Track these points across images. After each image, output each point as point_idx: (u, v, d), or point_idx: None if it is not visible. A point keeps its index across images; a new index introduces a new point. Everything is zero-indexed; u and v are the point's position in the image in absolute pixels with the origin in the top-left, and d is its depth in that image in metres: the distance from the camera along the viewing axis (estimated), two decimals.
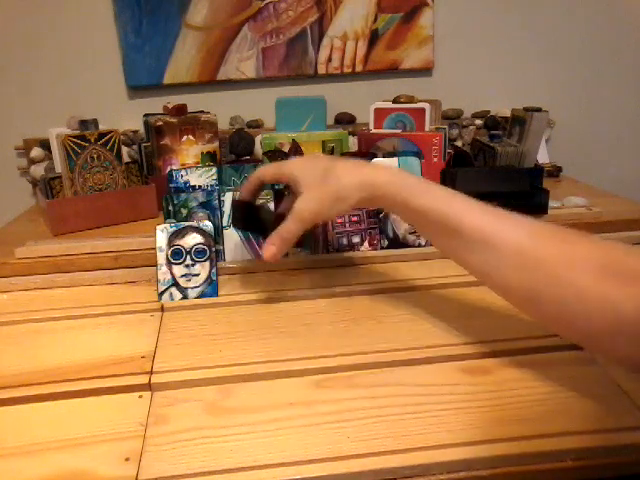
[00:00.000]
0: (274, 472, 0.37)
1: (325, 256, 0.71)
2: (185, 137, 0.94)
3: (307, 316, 0.58)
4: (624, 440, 0.39)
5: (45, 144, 1.05)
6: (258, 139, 1.07)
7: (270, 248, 0.53)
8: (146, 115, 0.99)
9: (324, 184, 0.51)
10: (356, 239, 0.72)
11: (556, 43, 1.20)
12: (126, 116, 1.11)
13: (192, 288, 0.63)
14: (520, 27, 1.18)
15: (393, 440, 0.40)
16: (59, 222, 0.81)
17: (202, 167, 0.74)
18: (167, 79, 1.12)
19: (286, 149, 0.93)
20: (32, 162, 1.09)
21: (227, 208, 0.70)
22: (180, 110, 0.94)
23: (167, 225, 0.64)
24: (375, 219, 0.72)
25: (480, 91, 1.20)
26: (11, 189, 1.14)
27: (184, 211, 0.69)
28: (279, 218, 0.55)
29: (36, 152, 1.08)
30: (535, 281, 0.40)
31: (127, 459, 0.39)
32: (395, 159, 0.76)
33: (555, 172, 1.07)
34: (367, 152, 0.91)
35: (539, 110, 0.88)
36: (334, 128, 1.11)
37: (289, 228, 0.53)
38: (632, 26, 1.20)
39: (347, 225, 0.72)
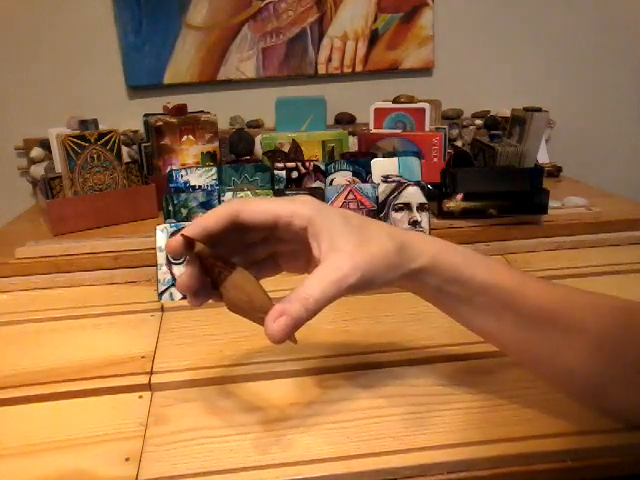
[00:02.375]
0: (275, 472, 0.37)
1: None
2: (185, 137, 0.94)
3: None
4: (624, 440, 0.39)
5: (45, 144, 1.05)
6: (258, 139, 1.07)
7: (282, 321, 0.33)
8: (146, 115, 0.99)
9: (366, 243, 0.36)
10: None
11: (556, 43, 1.20)
12: (126, 116, 1.11)
13: None
14: (520, 27, 1.18)
15: (394, 440, 0.40)
16: (59, 222, 0.81)
17: (202, 167, 0.74)
18: (167, 79, 1.12)
19: (286, 149, 0.93)
20: (32, 162, 1.09)
21: None
22: (180, 110, 0.94)
23: (167, 225, 0.64)
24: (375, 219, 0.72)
25: (480, 91, 1.20)
26: (11, 189, 1.14)
27: (184, 211, 0.69)
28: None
29: (36, 152, 1.08)
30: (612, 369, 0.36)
31: (127, 459, 0.39)
32: (395, 159, 0.76)
33: (555, 172, 1.07)
34: (367, 152, 0.91)
35: (539, 110, 0.88)
36: (334, 128, 1.11)
37: (316, 292, 0.34)
38: (632, 26, 1.20)
39: None
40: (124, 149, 1.00)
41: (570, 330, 0.37)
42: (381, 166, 0.76)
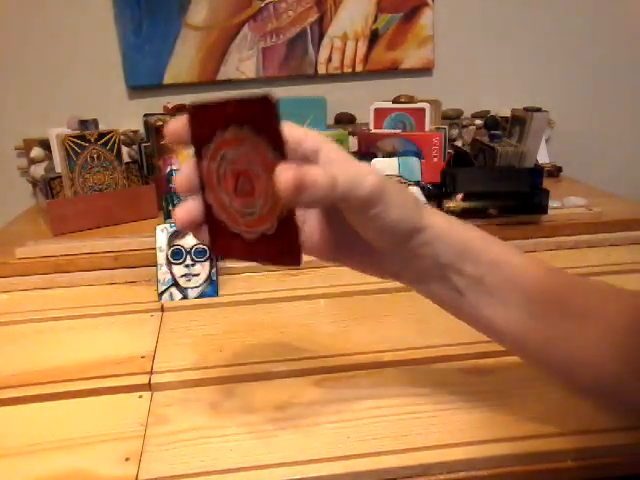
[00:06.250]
0: (274, 472, 0.37)
1: None
2: None
3: (307, 316, 0.58)
4: (624, 440, 0.39)
5: (45, 144, 1.05)
6: None
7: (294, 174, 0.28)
8: (146, 115, 0.99)
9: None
10: None
11: (556, 43, 1.20)
12: (126, 116, 1.11)
13: (192, 288, 0.63)
14: (520, 27, 1.18)
15: (393, 440, 0.40)
16: (59, 222, 0.81)
17: None
18: (167, 79, 1.12)
19: None
20: (32, 162, 1.09)
21: None
22: (180, 110, 0.94)
23: (167, 225, 0.64)
24: None
25: (480, 91, 1.20)
26: (11, 189, 1.14)
27: None
28: None
29: (36, 152, 1.08)
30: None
31: (127, 459, 0.39)
32: (395, 159, 0.76)
33: (555, 172, 1.07)
34: (367, 152, 0.91)
35: (539, 110, 0.88)
36: (334, 128, 1.11)
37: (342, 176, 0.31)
38: (632, 26, 1.20)
39: None
40: (124, 149, 1.00)
41: (581, 316, 0.35)
42: (381, 166, 0.76)
